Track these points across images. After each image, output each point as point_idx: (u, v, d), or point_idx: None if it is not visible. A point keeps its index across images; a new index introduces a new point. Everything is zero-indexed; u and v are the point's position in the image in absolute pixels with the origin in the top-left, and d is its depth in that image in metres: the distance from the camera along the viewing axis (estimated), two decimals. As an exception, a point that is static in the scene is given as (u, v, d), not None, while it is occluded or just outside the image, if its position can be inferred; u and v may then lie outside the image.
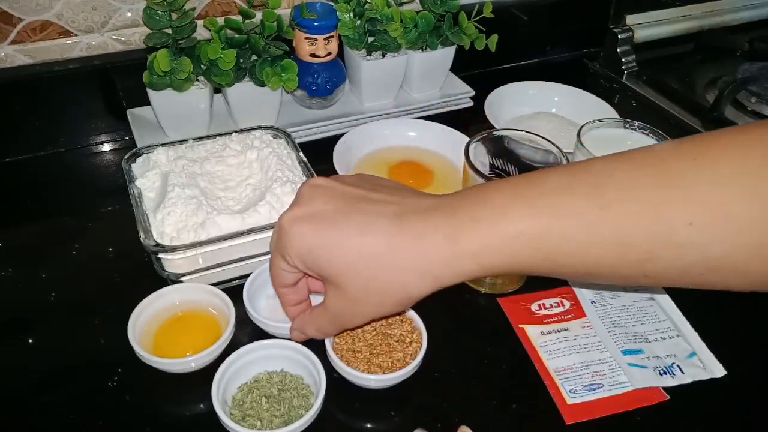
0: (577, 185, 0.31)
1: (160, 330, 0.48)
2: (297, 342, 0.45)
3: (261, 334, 0.48)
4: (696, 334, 0.51)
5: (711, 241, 0.29)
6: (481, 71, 0.87)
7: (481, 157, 0.53)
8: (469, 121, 0.77)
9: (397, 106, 0.78)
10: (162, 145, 0.58)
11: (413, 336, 0.47)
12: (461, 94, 0.81)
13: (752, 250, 0.29)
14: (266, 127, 0.62)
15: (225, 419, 0.41)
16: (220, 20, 0.64)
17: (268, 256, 0.53)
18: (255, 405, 0.43)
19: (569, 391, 0.47)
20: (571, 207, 0.31)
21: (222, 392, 0.43)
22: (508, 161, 0.54)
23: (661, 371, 0.48)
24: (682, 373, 0.48)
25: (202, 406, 0.45)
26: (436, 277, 0.33)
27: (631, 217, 0.30)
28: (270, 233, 0.51)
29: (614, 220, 0.30)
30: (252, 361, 0.46)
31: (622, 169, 0.31)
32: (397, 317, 0.49)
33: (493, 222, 0.32)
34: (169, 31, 0.61)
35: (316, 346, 0.46)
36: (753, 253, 0.29)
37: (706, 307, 0.55)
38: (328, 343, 0.46)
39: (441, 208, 0.34)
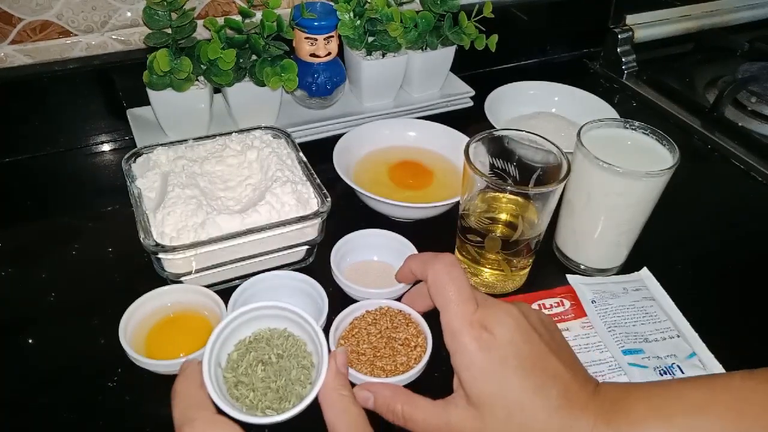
0: (715, 405, 0.35)
1: (152, 332, 0.48)
2: (364, 406, 0.40)
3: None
4: (696, 335, 0.51)
5: None
6: (481, 71, 0.87)
7: (481, 157, 0.53)
8: (469, 121, 0.77)
9: (397, 106, 0.78)
10: (162, 145, 0.58)
11: (418, 340, 0.47)
12: (461, 94, 0.81)
13: None
14: (266, 127, 0.62)
15: (216, 398, 0.38)
16: (220, 20, 0.64)
17: (265, 257, 0.53)
18: (250, 372, 0.41)
19: (569, 392, 0.47)
20: (707, 428, 0.34)
21: (216, 354, 0.41)
22: (508, 161, 0.54)
23: (662, 371, 0.48)
24: (682, 373, 0.48)
25: (201, 406, 0.45)
26: None
27: None
28: (269, 233, 0.51)
29: None
30: (255, 318, 0.43)
31: (760, 390, 0.34)
32: (403, 320, 0.49)
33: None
34: (169, 30, 0.61)
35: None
36: None
37: (706, 308, 0.55)
38: (332, 343, 0.46)
39: (596, 403, 0.37)
